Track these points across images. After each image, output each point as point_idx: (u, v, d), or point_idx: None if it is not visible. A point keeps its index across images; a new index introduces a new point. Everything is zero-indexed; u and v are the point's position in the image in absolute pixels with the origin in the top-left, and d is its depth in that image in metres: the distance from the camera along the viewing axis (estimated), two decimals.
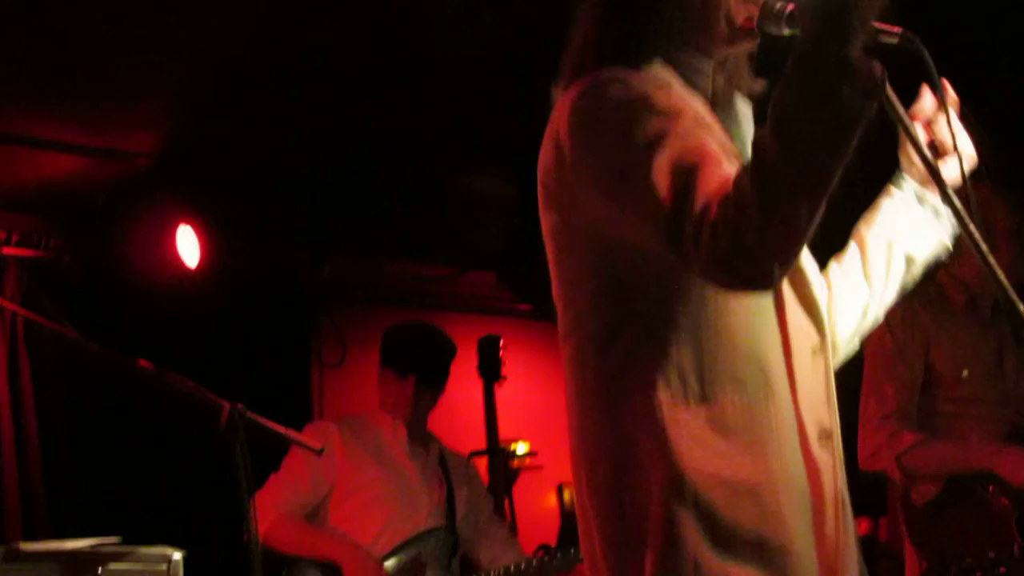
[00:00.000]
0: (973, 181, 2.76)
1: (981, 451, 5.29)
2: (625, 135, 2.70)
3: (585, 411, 2.90)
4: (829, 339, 2.98)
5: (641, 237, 2.72)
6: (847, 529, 2.89)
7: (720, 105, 3.03)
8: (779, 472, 2.76)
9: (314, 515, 6.13)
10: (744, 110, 3.09)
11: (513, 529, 7.82)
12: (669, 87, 2.85)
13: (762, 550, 2.70)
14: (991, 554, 5.17)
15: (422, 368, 6.51)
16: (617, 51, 2.95)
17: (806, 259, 2.97)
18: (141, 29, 5.76)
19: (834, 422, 2.92)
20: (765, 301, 2.84)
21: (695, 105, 2.88)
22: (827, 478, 2.84)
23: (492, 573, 6.16)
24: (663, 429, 2.72)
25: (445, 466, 6.46)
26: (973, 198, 2.71)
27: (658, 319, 2.81)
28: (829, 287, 3.21)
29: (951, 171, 2.89)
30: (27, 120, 6.56)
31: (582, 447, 2.89)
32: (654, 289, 2.81)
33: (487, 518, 6.68)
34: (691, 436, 2.72)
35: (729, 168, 2.55)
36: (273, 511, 5.82)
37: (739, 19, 2.96)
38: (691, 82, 2.98)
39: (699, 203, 2.49)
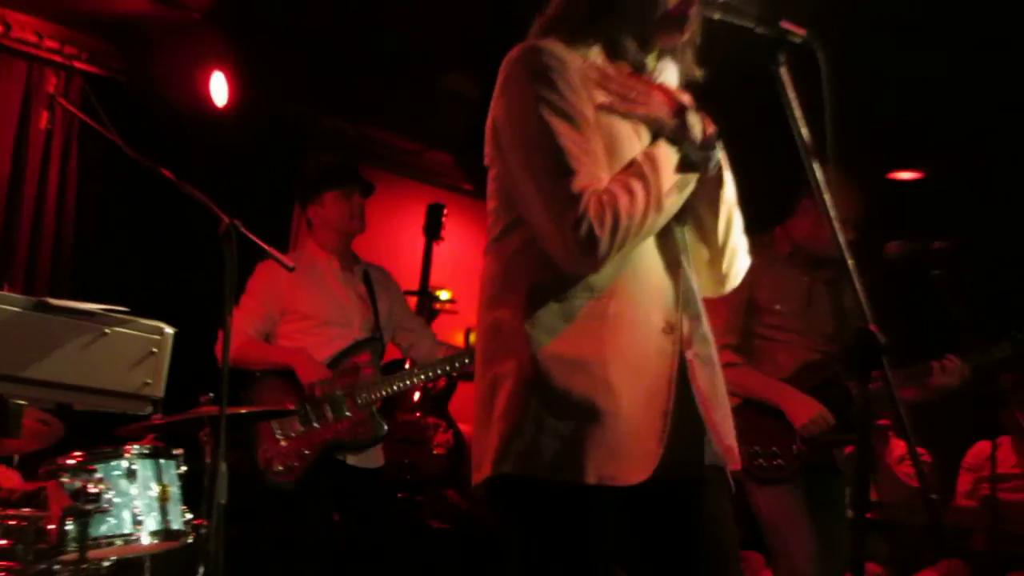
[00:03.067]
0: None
1: (776, 388, 5.41)
2: (524, 110, 2.89)
3: (483, 292, 3.04)
4: (687, 260, 3.02)
5: (524, 195, 2.90)
6: (693, 402, 2.94)
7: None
8: (612, 353, 2.83)
9: (269, 338, 6.15)
10: (668, 77, 3.13)
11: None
12: (582, 58, 2.95)
13: (591, 411, 2.79)
14: (774, 448, 5.28)
15: (339, 183, 6.38)
16: (560, 25, 3.03)
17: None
18: None
19: (682, 321, 2.93)
20: None
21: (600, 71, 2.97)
22: (665, 360, 2.89)
23: (421, 367, 6.18)
24: (522, 321, 2.87)
25: (369, 283, 6.43)
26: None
27: (532, 237, 2.92)
28: None
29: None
30: None
31: (479, 317, 3.04)
32: None
33: (407, 315, 6.71)
34: (542, 327, 2.85)
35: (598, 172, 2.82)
36: (239, 336, 5.85)
37: (671, 3, 2.98)
38: (616, 54, 3.05)
39: (574, 214, 2.74)
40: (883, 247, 5.64)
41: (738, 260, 3.18)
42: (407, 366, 6.35)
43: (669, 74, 3.14)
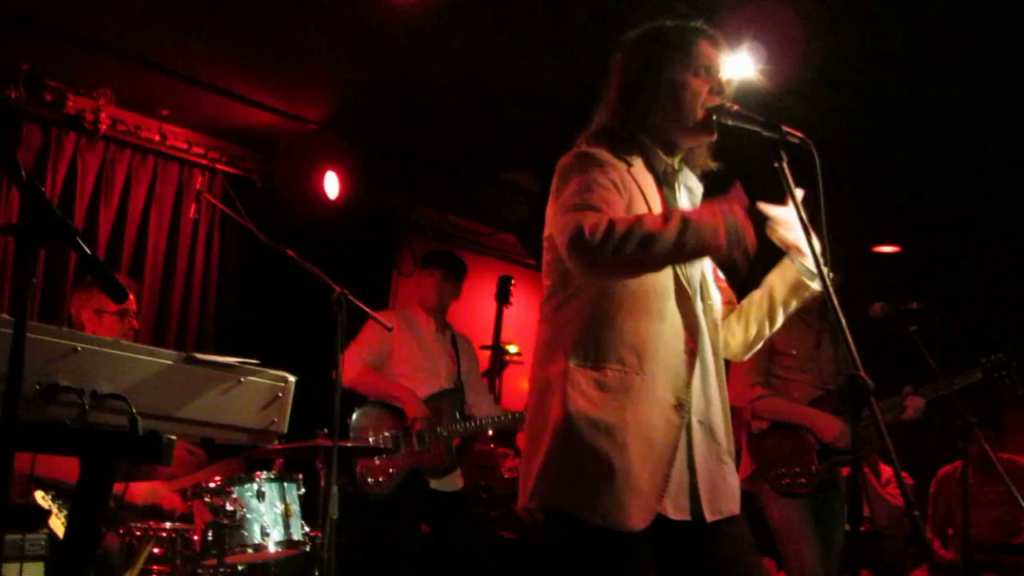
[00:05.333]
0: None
1: (805, 411, 5.44)
2: (569, 187, 2.90)
3: (536, 353, 3.07)
4: (703, 344, 3.02)
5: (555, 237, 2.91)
6: (694, 469, 2.95)
7: (667, 183, 3.10)
8: (633, 421, 2.85)
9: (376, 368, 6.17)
10: (690, 183, 3.15)
11: (498, 397, 7.91)
12: (628, 166, 3.00)
13: (607, 467, 2.82)
14: (796, 468, 5.27)
15: (445, 267, 6.46)
16: (603, 138, 3.07)
17: (697, 290, 3.05)
18: (323, 38, 5.77)
19: (690, 397, 2.95)
20: (656, 314, 2.94)
21: (639, 179, 3.01)
22: (673, 431, 2.91)
23: (482, 420, 6.21)
24: (564, 382, 2.89)
25: (456, 345, 6.48)
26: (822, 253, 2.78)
27: (580, 311, 2.96)
28: (736, 305, 3.32)
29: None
30: (243, 83, 6.52)
31: (532, 372, 3.08)
32: (584, 291, 2.96)
33: (477, 380, 6.68)
34: (579, 390, 2.87)
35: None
36: (356, 364, 5.92)
37: (700, 115, 3.01)
38: (651, 166, 3.07)
39: (584, 221, 2.73)
40: (869, 307, 5.63)
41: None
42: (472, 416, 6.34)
43: (686, 173, 3.17)
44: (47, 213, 2.07)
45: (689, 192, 3.16)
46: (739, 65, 5.10)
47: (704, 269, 3.09)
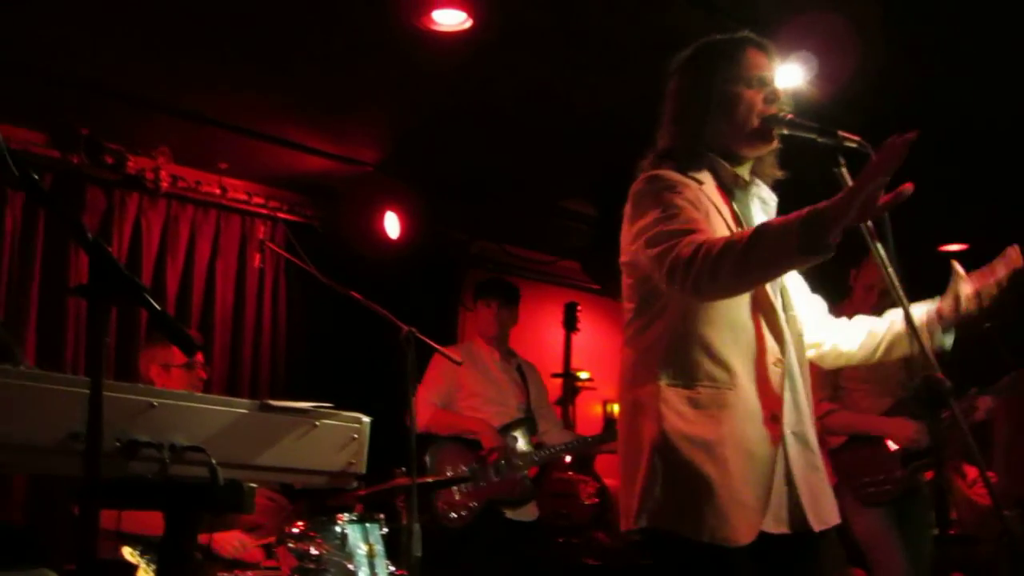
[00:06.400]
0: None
1: (875, 420, 5.39)
2: (647, 212, 2.91)
3: (623, 376, 3.05)
4: (790, 355, 2.99)
5: (649, 266, 2.89)
6: (793, 482, 2.92)
7: (736, 195, 3.09)
8: (729, 436, 2.83)
9: (446, 406, 6.19)
10: (763, 195, 3.13)
11: (571, 423, 7.89)
12: (698, 184, 3.00)
13: (708, 484, 2.80)
14: (880, 476, 5.21)
15: (498, 295, 6.47)
16: (668, 159, 3.07)
17: (779, 302, 3.01)
18: (371, 80, 5.80)
19: (784, 408, 2.92)
20: (741, 328, 2.92)
21: (711, 195, 3.00)
22: (769, 444, 2.88)
23: (556, 447, 6.19)
24: (657, 402, 2.89)
25: (522, 373, 6.47)
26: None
27: (665, 331, 2.95)
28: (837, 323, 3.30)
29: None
30: (296, 131, 6.60)
31: (620, 395, 3.07)
32: (667, 310, 2.96)
33: (547, 407, 6.64)
34: (673, 409, 2.87)
35: (712, 235, 2.79)
36: (428, 407, 5.96)
37: (756, 125, 3.00)
38: (718, 178, 3.06)
39: (679, 247, 2.74)
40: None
41: None
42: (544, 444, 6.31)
43: (759, 185, 3.15)
44: (115, 272, 2.10)
45: (763, 203, 3.14)
46: (792, 76, 5.06)
47: (785, 282, 3.07)
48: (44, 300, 6.27)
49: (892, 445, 5.28)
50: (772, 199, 3.17)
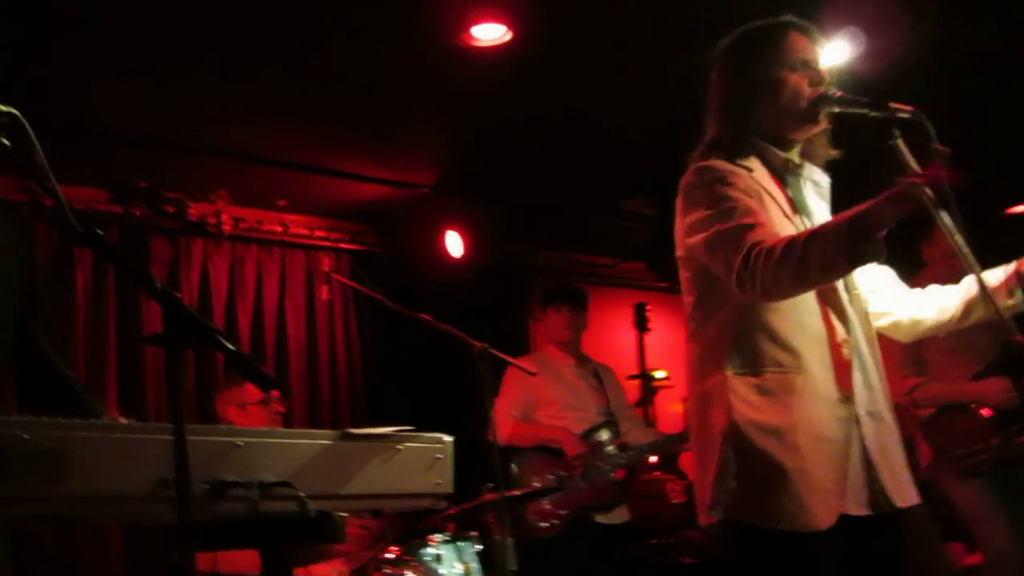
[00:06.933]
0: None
1: (962, 386, 5.26)
2: (700, 206, 2.90)
3: (690, 369, 3.04)
4: (856, 334, 2.95)
5: (711, 264, 2.88)
6: (871, 462, 2.87)
7: (788, 181, 3.07)
8: (801, 420, 2.80)
9: (525, 418, 6.18)
10: (816, 177, 3.10)
11: (652, 424, 7.84)
12: (748, 171, 2.97)
13: (782, 471, 2.78)
14: (977, 446, 5.12)
15: (568, 299, 6.45)
16: (717, 149, 3.05)
17: (842, 283, 2.97)
18: (419, 102, 5.83)
19: (854, 388, 2.88)
20: (803, 310, 2.89)
21: (763, 181, 2.97)
22: (842, 425, 2.84)
23: (640, 447, 6.15)
24: (725, 392, 2.86)
25: (599, 376, 6.43)
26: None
27: (727, 321, 2.93)
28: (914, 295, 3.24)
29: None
30: (351, 161, 6.66)
31: (689, 390, 3.06)
32: (727, 300, 2.92)
33: (627, 408, 6.60)
34: (741, 397, 2.84)
35: (770, 228, 2.79)
36: (508, 421, 5.94)
37: (802, 108, 2.98)
38: (768, 164, 3.03)
39: (741, 252, 2.72)
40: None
41: None
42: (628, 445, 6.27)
43: (810, 168, 3.12)
44: (186, 318, 2.12)
45: (816, 186, 3.12)
46: (839, 53, 5.01)
47: None
48: (121, 352, 6.38)
49: (985, 412, 5.19)
50: (825, 181, 3.15)
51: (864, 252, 2.57)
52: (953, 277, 3.22)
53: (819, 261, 2.61)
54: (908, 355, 5.26)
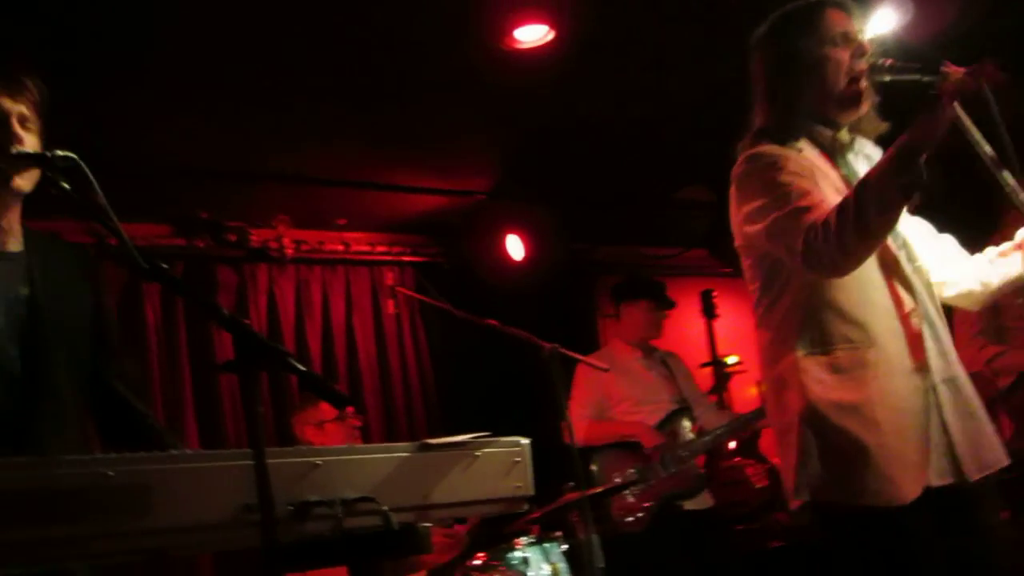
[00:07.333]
0: None
1: None
2: (755, 195, 2.91)
3: (762, 355, 3.04)
4: (924, 303, 2.93)
5: (773, 250, 2.89)
6: (948, 431, 2.84)
7: (839, 159, 3.05)
8: (877, 394, 2.78)
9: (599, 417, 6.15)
10: (867, 151, 3.08)
11: (727, 409, 7.78)
12: (798, 152, 2.95)
13: (863, 447, 2.76)
14: None
15: (650, 295, 6.44)
16: (764, 136, 3.04)
17: (903, 252, 2.97)
18: (468, 110, 5.85)
19: (928, 357, 2.86)
20: (869, 284, 2.87)
21: (814, 160, 2.96)
22: (919, 396, 2.82)
23: (717, 430, 6.13)
24: (798, 373, 2.86)
25: (667, 365, 6.42)
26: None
27: (793, 303, 2.93)
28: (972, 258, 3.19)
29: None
30: (406, 175, 6.69)
31: (763, 376, 3.08)
32: (791, 283, 2.94)
33: (698, 393, 6.58)
34: (814, 377, 2.84)
35: (826, 206, 2.75)
36: (583, 421, 5.94)
37: (846, 85, 2.95)
38: (818, 144, 3.02)
39: (801, 235, 2.72)
40: None
41: None
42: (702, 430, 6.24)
43: (862, 142, 3.10)
44: (257, 343, 2.14)
45: (868, 160, 3.10)
46: (886, 22, 4.95)
47: (905, 234, 3.01)
48: (196, 381, 6.46)
49: None
50: (877, 153, 3.12)
51: (915, 176, 2.56)
52: None
53: (876, 203, 2.60)
54: (986, 323, 5.21)
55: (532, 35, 5.05)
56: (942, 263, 3.12)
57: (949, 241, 3.19)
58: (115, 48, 4.49)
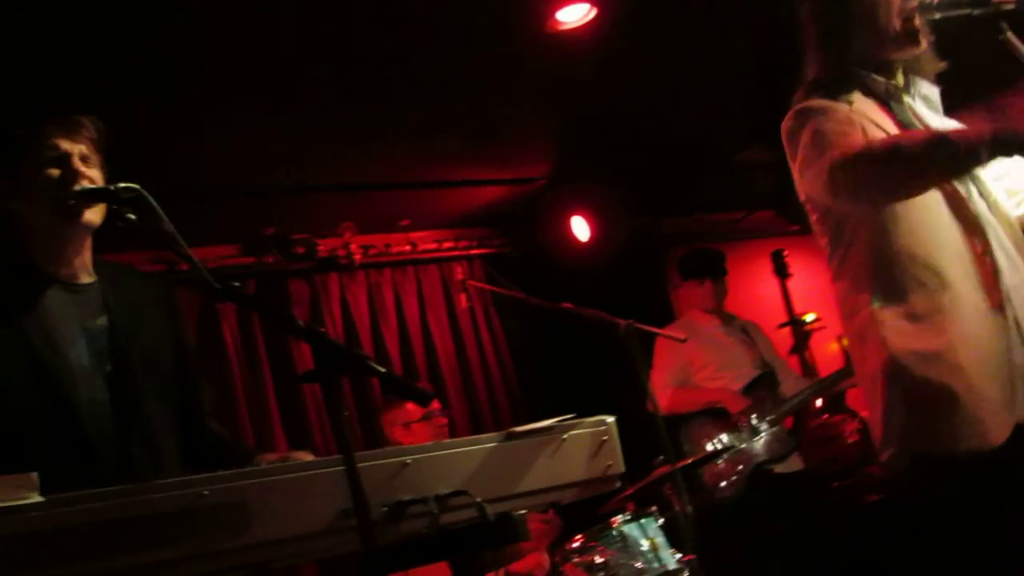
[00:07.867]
0: None
1: None
2: (803, 146, 2.89)
3: (840, 309, 3.01)
4: (999, 238, 2.86)
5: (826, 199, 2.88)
6: None
7: (894, 106, 3.00)
8: (958, 338, 2.73)
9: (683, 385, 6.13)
10: (924, 91, 3.02)
11: (811, 368, 7.71)
12: (849, 105, 2.92)
13: (949, 393, 2.71)
14: None
15: (708, 271, 6.43)
16: (818, 88, 3.02)
17: (972, 188, 2.90)
18: (520, 97, 5.83)
19: (1004, 296, 2.80)
20: (937, 225, 2.83)
21: (867, 112, 2.92)
22: (1001, 336, 2.77)
23: (802, 391, 6.10)
24: (875, 325, 2.82)
25: (747, 332, 6.39)
26: None
27: (864, 254, 2.89)
28: None
29: None
30: (466, 169, 6.70)
31: (844, 331, 3.03)
32: (858, 233, 2.90)
33: (778, 359, 6.54)
34: (892, 328, 2.79)
35: None
36: (666, 390, 5.92)
37: (899, 24, 2.92)
38: (872, 94, 2.98)
39: (834, 162, 2.73)
40: None
41: None
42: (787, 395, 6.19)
43: (918, 83, 3.05)
44: (335, 350, 2.16)
45: (926, 101, 3.05)
46: None
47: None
48: (280, 394, 6.51)
49: None
50: (934, 93, 3.09)
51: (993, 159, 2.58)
52: None
53: (944, 164, 2.63)
54: None
55: (574, 15, 5.02)
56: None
57: None
58: (168, 74, 4.53)
